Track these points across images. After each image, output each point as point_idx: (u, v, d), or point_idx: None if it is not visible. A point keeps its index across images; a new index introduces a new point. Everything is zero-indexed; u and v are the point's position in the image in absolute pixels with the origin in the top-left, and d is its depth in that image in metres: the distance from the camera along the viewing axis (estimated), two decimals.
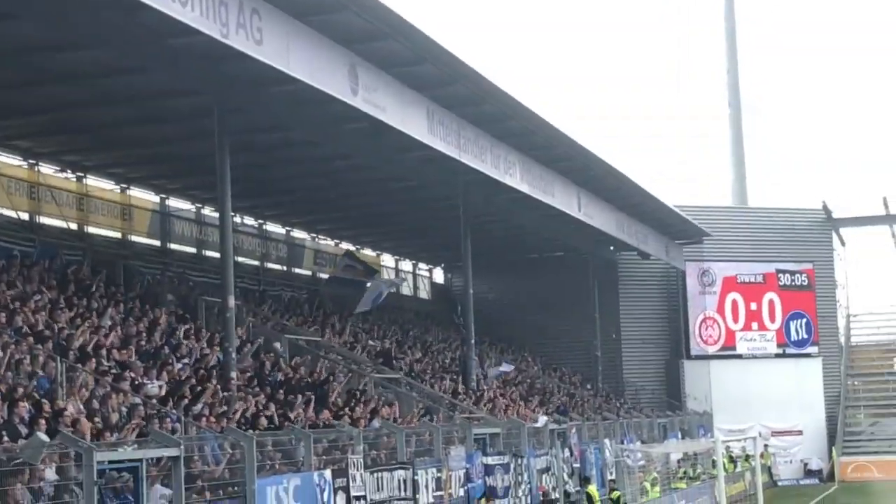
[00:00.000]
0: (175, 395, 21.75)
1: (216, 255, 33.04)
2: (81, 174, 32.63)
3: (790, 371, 55.39)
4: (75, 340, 21.59)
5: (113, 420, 18.69)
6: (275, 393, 25.80)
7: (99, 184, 33.53)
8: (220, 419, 21.37)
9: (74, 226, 32.23)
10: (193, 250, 37.74)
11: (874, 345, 62.20)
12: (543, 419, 35.77)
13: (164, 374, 23.02)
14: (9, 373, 18.49)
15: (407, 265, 53.85)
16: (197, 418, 20.95)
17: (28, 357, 19.75)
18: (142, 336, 24.81)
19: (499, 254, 50.24)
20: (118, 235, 34.32)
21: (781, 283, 56.31)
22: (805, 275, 56.44)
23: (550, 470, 32.72)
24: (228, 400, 23.20)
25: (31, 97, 26.07)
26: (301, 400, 25.80)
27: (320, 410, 26.05)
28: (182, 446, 17.27)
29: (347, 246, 45.95)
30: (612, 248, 52.31)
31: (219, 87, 25.40)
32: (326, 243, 46.35)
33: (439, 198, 38.86)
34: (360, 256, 43.30)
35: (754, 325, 56.09)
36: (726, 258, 56.03)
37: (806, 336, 56.29)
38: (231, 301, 25.98)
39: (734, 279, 55.98)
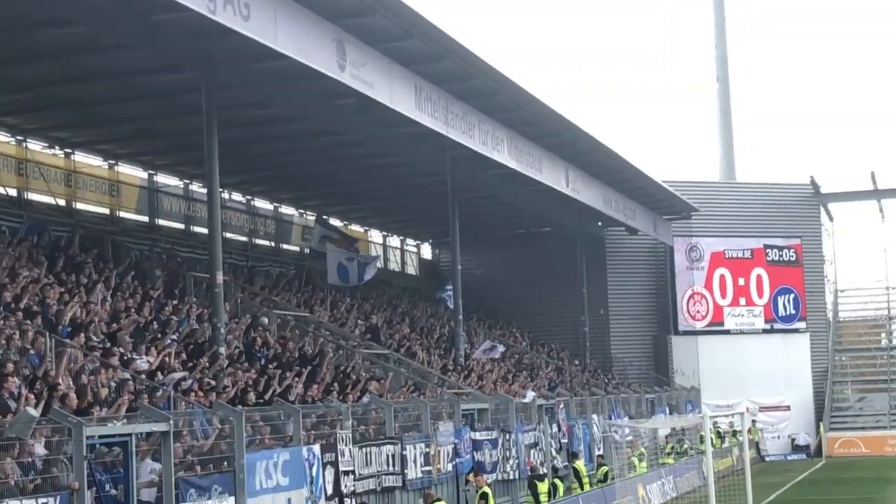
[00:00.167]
0: (164, 371, 21.81)
1: (204, 231, 33.08)
2: (69, 150, 32.61)
3: (778, 346, 55.53)
4: (64, 316, 21.61)
5: (102, 395, 18.73)
6: (264, 368, 25.87)
7: (87, 160, 33.52)
8: (209, 394, 21.43)
9: (63, 202, 32.24)
10: (182, 226, 37.77)
11: (862, 320, 62.51)
12: (531, 395, 35.93)
13: (154, 350, 23.05)
14: None
15: (395, 241, 53.90)
16: (186, 393, 21.01)
17: (17, 333, 19.78)
18: (131, 312, 24.83)
19: (487, 229, 50.36)
20: (106, 211, 34.33)
21: (769, 259, 56.39)
22: (793, 250, 56.53)
23: (538, 445, 32.88)
24: (217, 375, 23.26)
25: (18, 73, 26.02)
26: (292, 375, 25.87)
27: (309, 386, 26.12)
28: (171, 421, 17.33)
29: (336, 222, 45.67)
30: (600, 224, 52.40)
31: (206, 63, 25.39)
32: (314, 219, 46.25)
33: (427, 173, 38.88)
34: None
35: (742, 301, 56.18)
36: (714, 233, 56.09)
37: (794, 311, 56.42)
38: (219, 277, 26.06)
39: (722, 254, 56.04)
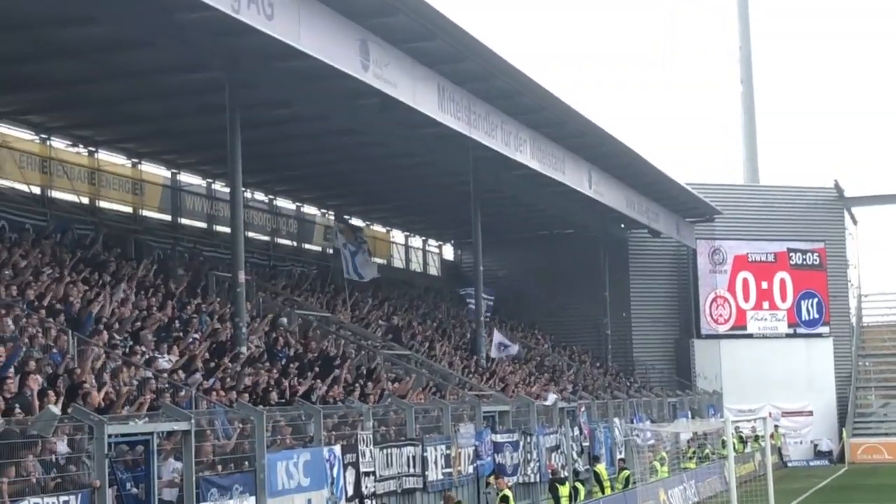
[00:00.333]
0: (187, 370, 21.79)
1: (227, 231, 33.08)
2: (93, 149, 32.67)
3: (801, 351, 55.24)
4: (87, 314, 21.61)
5: (124, 394, 18.71)
6: (286, 368, 25.85)
7: (110, 158, 33.59)
8: (230, 393, 21.40)
9: (86, 200, 32.30)
10: (204, 225, 37.80)
11: (886, 325, 62.10)
12: (553, 397, 35.79)
13: (176, 349, 23.06)
14: (22, 346, 18.51)
15: (417, 241, 53.86)
16: (207, 392, 20.99)
17: (40, 330, 19.81)
18: (153, 310, 24.84)
19: (509, 231, 50.23)
20: (129, 210, 34.37)
21: (793, 262, 56.11)
22: (816, 254, 56.23)
23: (560, 448, 32.74)
24: (238, 374, 23.24)
25: (43, 72, 26.06)
26: (311, 376, 25.84)
27: (331, 386, 26.08)
28: (192, 420, 17.30)
29: (359, 222, 45.72)
30: (623, 226, 52.23)
31: (229, 62, 25.38)
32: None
33: (449, 174, 38.80)
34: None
35: (765, 305, 55.92)
36: (737, 237, 55.84)
37: (817, 316, 56.10)
38: (241, 276, 26.05)
39: (745, 258, 55.79)
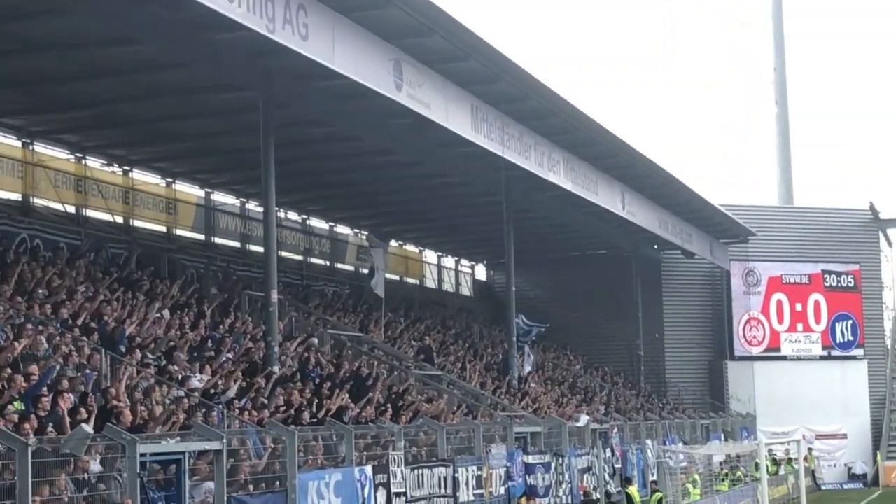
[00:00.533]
0: (219, 389, 21.81)
1: (260, 250, 33.12)
2: (127, 168, 32.83)
3: (835, 374, 54.81)
4: (120, 332, 21.68)
5: (157, 413, 18.74)
6: (318, 388, 25.83)
7: (145, 178, 33.75)
8: (262, 412, 21.40)
9: (120, 219, 32.44)
10: (238, 244, 37.91)
11: None
12: (585, 419, 35.61)
13: (208, 368, 23.10)
14: (55, 364, 18.58)
15: (449, 262, 53.83)
16: (239, 412, 21.00)
17: (74, 349, 19.89)
18: (186, 329, 24.91)
19: (541, 251, 50.16)
20: (163, 229, 34.51)
21: (827, 284, 55.71)
22: (851, 276, 55.82)
23: (591, 470, 32.58)
24: (270, 394, 23.24)
25: (79, 91, 26.28)
26: (340, 394, 25.79)
27: (363, 406, 26.04)
28: (224, 440, 17.30)
29: (392, 242, 45.77)
30: (656, 247, 52.03)
31: (264, 82, 25.48)
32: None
33: (482, 194, 38.77)
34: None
35: (799, 327, 55.52)
36: (771, 258, 55.51)
37: (852, 338, 55.65)
38: (274, 295, 26.06)
39: (779, 279, 55.45)
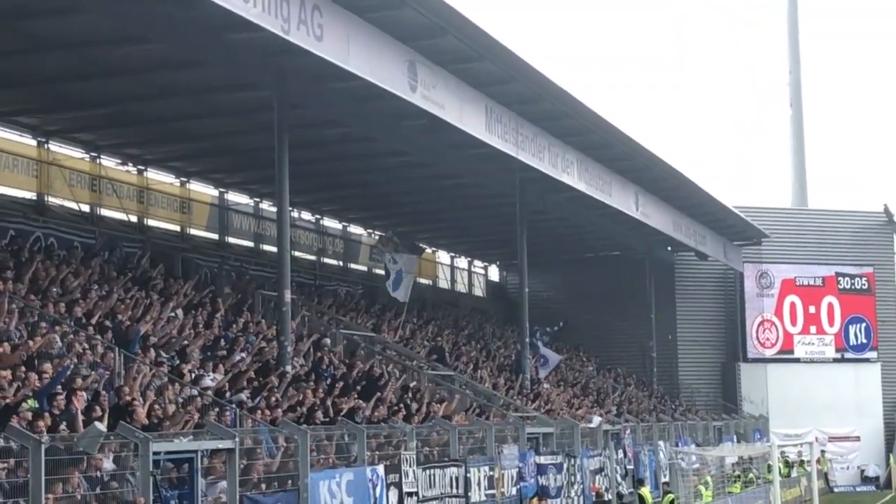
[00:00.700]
0: (232, 389, 21.86)
1: (273, 250, 33.22)
2: (142, 167, 32.96)
3: (848, 376, 54.73)
4: (135, 332, 21.74)
5: (170, 411, 18.80)
6: (331, 388, 25.87)
7: (159, 177, 33.87)
8: (275, 411, 21.45)
9: (134, 218, 32.55)
10: (251, 244, 38.00)
11: None
12: (597, 420, 35.60)
13: (221, 367, 23.15)
14: (69, 362, 18.65)
15: (462, 262, 53.85)
16: (252, 411, 21.05)
17: (87, 347, 19.96)
18: (199, 329, 24.97)
19: (554, 252, 50.14)
20: (177, 228, 34.63)
21: (841, 287, 55.61)
22: (865, 278, 55.72)
23: (604, 471, 32.56)
24: (283, 394, 23.29)
25: (93, 91, 26.38)
26: (354, 395, 25.84)
27: (375, 406, 26.07)
28: (237, 438, 17.34)
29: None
30: (670, 249, 51.98)
31: (278, 82, 25.53)
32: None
33: (496, 195, 38.78)
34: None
35: (812, 329, 55.42)
36: (785, 260, 55.41)
37: (865, 341, 55.54)
38: (287, 295, 26.08)
39: (793, 282, 55.35)
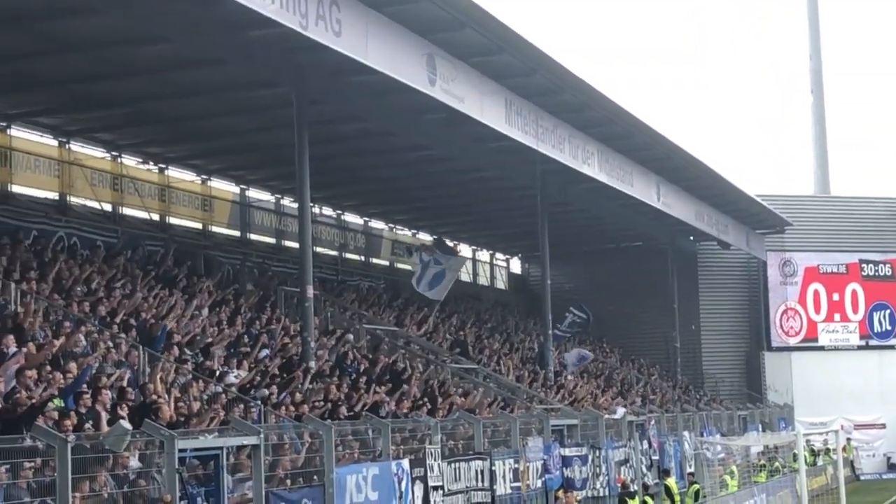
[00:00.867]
0: (257, 385, 21.92)
1: (295, 246, 33.28)
2: (163, 166, 33.04)
3: (873, 363, 54.48)
4: (159, 330, 21.82)
5: (194, 408, 18.86)
6: (355, 383, 25.91)
7: (180, 175, 33.94)
8: (300, 408, 21.49)
9: (156, 216, 32.66)
10: (273, 240, 38.07)
11: None
12: (622, 411, 35.53)
13: (245, 364, 23.21)
14: (94, 361, 18.72)
15: (484, 255, 53.83)
16: (276, 407, 21.09)
17: (112, 345, 20.04)
18: (223, 326, 25.04)
19: (576, 243, 50.08)
20: (199, 226, 34.73)
21: (865, 274, 55.37)
22: (889, 265, 55.44)
23: (629, 462, 32.50)
24: (308, 390, 23.33)
25: (114, 90, 26.43)
26: (376, 390, 25.87)
27: (399, 401, 26.11)
28: (262, 434, 17.38)
29: (426, 237, 46.04)
30: (692, 238, 51.81)
31: (297, 78, 25.55)
32: (404, 233, 46.54)
33: (516, 187, 38.75)
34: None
35: (837, 317, 55.19)
36: (808, 248, 55.16)
37: (889, 328, 55.30)
38: (310, 291, 26.13)
39: (816, 269, 55.13)
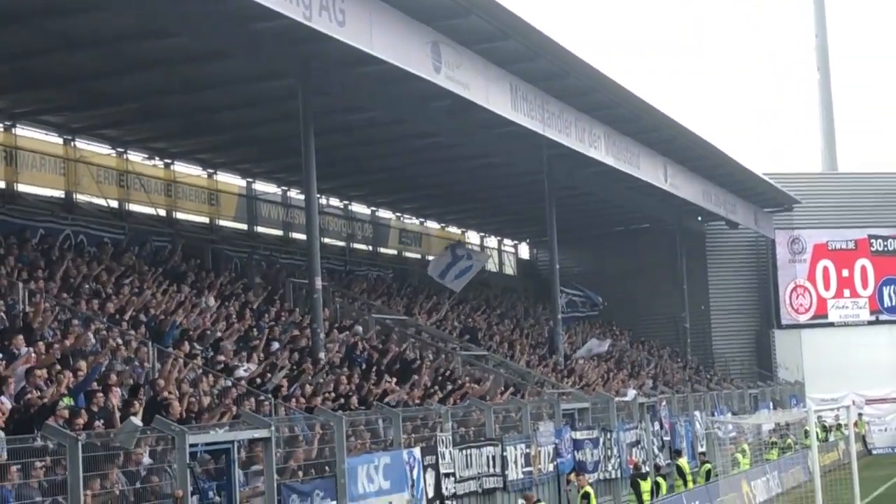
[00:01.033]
0: (267, 378, 21.97)
1: (303, 237, 33.28)
2: (169, 161, 33.07)
3: (884, 338, 54.42)
4: (168, 324, 21.87)
5: (205, 403, 18.92)
6: (365, 373, 25.96)
7: (186, 170, 33.96)
8: (312, 399, 21.54)
9: (163, 212, 32.70)
10: (280, 233, 38.11)
11: None
12: (632, 393, 35.57)
13: (255, 357, 23.26)
14: (104, 360, 18.76)
15: (492, 241, 53.82)
16: (286, 399, 21.14)
17: (121, 342, 20.09)
18: (232, 320, 25.09)
19: (584, 227, 50.09)
20: (206, 220, 34.75)
21: (873, 249, 55.27)
22: None
23: (640, 443, 32.54)
24: (318, 381, 23.38)
25: (118, 86, 26.47)
26: (388, 379, 25.92)
27: (410, 390, 26.16)
28: (273, 427, 17.42)
29: (433, 224, 46.22)
30: (700, 219, 51.74)
31: (302, 70, 25.54)
32: (412, 222, 46.57)
33: (524, 173, 38.73)
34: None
35: (846, 293, 55.12)
36: (816, 225, 55.05)
37: None
38: (318, 282, 26.17)
39: (825, 246, 55.03)
